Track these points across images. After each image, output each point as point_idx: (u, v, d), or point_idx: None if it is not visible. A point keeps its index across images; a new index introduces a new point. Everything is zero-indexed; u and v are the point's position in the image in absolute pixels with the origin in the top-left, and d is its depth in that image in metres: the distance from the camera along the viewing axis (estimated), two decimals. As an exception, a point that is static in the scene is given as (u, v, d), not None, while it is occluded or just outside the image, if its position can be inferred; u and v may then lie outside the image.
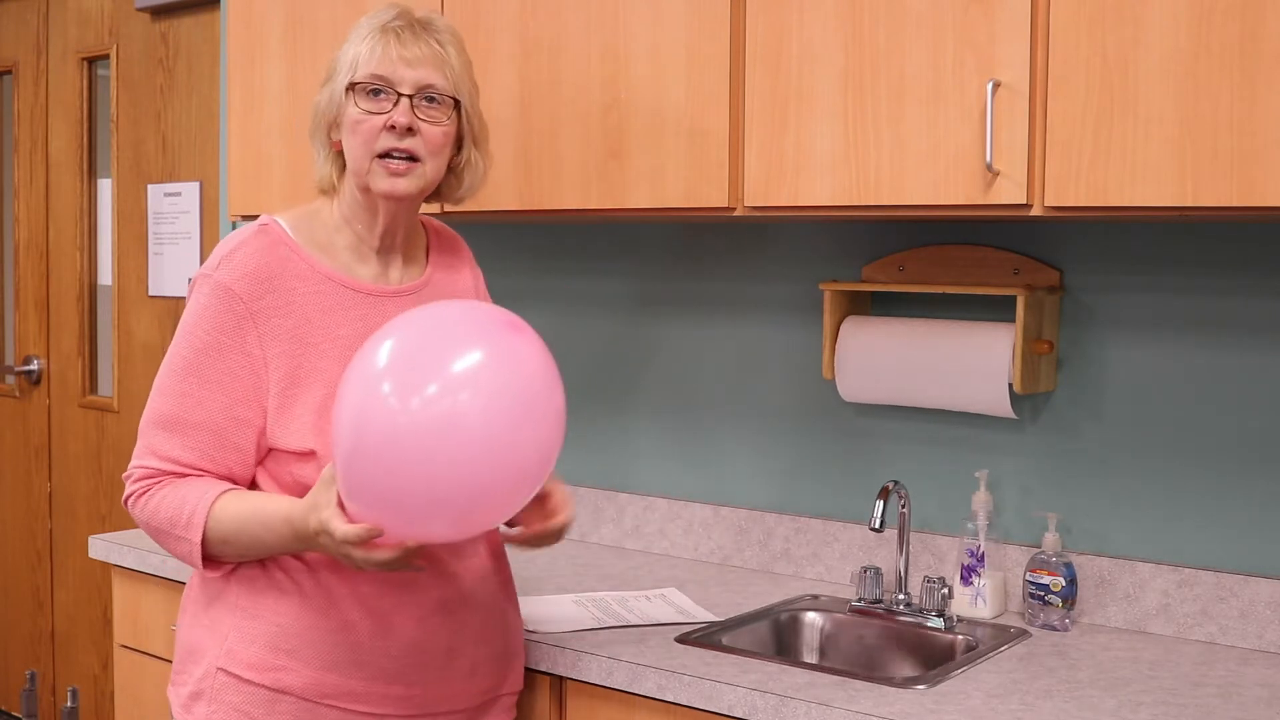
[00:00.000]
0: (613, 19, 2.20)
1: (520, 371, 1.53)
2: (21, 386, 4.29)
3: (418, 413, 1.47)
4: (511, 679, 1.91)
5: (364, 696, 1.71)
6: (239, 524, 1.65)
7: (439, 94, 1.75)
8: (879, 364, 2.25)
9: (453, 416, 1.47)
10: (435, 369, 1.49)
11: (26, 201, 4.25)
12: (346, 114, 1.75)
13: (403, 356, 1.51)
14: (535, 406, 1.54)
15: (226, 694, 1.71)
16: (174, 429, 1.69)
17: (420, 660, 1.74)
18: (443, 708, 1.78)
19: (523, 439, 1.52)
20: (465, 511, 1.54)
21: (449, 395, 1.48)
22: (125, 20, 3.86)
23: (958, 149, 1.87)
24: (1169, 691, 1.81)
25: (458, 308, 1.64)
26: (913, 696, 1.76)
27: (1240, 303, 2.04)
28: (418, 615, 1.74)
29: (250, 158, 2.74)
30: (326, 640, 1.70)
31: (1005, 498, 2.25)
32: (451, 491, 1.49)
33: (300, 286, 1.73)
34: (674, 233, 2.63)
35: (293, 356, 1.70)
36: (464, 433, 1.47)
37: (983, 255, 2.24)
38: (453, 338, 1.54)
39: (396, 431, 1.47)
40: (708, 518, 2.58)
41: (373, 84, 1.73)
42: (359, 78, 1.73)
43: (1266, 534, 2.03)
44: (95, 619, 3.99)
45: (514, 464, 1.53)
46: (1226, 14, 1.66)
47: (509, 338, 1.55)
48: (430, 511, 1.52)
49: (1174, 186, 1.71)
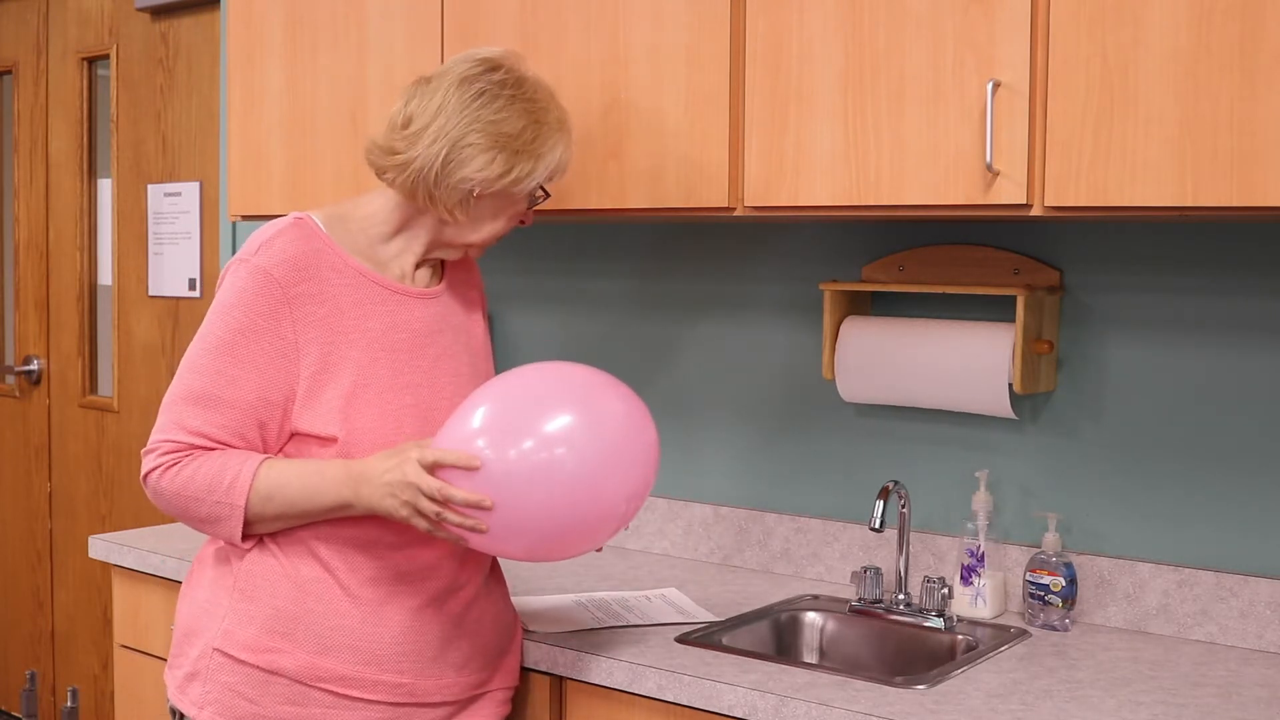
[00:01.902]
0: (613, 19, 2.20)
1: (605, 425, 1.73)
2: (21, 386, 4.29)
3: (518, 461, 1.66)
4: (505, 674, 1.94)
5: (355, 682, 1.75)
6: (288, 476, 1.71)
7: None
8: (879, 364, 2.25)
9: (550, 465, 1.67)
10: (533, 427, 1.68)
11: (26, 201, 4.25)
12: (512, 199, 1.85)
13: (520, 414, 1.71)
14: (622, 455, 1.73)
15: (221, 674, 1.76)
16: (206, 405, 1.72)
17: (412, 650, 1.78)
18: (433, 698, 1.81)
19: (608, 487, 1.71)
20: (552, 538, 1.72)
21: (546, 449, 1.67)
22: (125, 20, 3.86)
23: (958, 149, 1.87)
24: (1169, 691, 1.82)
25: (567, 371, 1.82)
26: (913, 696, 1.76)
27: (1240, 303, 2.04)
28: (411, 606, 1.78)
29: (250, 158, 2.74)
30: (321, 625, 1.75)
31: (1005, 498, 2.25)
32: (546, 522, 1.69)
33: (334, 278, 1.78)
34: (674, 233, 2.63)
35: (324, 344, 1.75)
36: (562, 476, 1.67)
37: (983, 255, 2.24)
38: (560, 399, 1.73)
39: (512, 472, 1.66)
40: (708, 518, 2.58)
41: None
42: (546, 179, 1.86)
43: (1266, 534, 2.03)
44: (95, 619, 3.99)
45: (597, 508, 1.72)
46: (1226, 14, 1.66)
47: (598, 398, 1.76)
48: (525, 534, 1.70)
49: (1174, 186, 1.71)
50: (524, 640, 2.00)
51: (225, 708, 1.75)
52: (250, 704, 1.74)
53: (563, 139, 1.84)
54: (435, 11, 2.41)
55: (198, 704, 1.77)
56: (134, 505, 3.89)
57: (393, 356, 1.80)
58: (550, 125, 1.83)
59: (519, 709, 2.03)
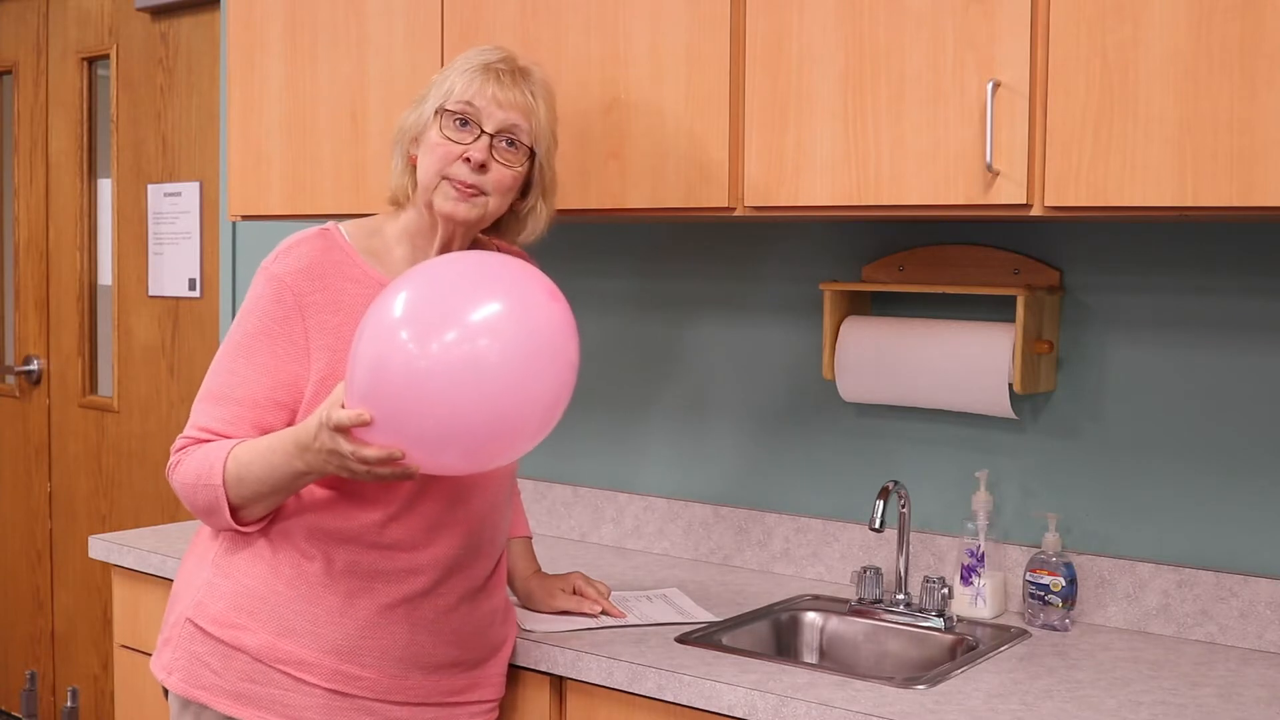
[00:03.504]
0: (613, 19, 2.20)
1: (535, 321, 1.63)
2: (21, 386, 4.29)
3: (438, 356, 1.56)
4: (486, 687, 1.93)
5: (314, 667, 1.78)
6: (253, 455, 1.73)
7: (519, 139, 1.84)
8: (879, 364, 2.25)
9: (473, 359, 1.57)
10: (455, 317, 1.59)
11: (26, 201, 4.25)
12: (429, 135, 1.83)
13: (424, 304, 1.61)
14: (548, 355, 1.64)
15: (190, 643, 1.82)
16: (218, 402, 1.80)
17: (376, 645, 1.80)
18: (396, 697, 1.83)
19: (536, 385, 1.62)
20: (480, 443, 1.62)
21: (468, 341, 1.57)
22: (125, 20, 3.86)
23: (958, 149, 1.87)
24: (1169, 691, 1.82)
25: (480, 260, 1.71)
26: (913, 696, 1.76)
27: (1240, 303, 2.04)
28: (382, 603, 1.80)
29: (250, 158, 2.74)
30: (286, 608, 1.79)
31: (1005, 498, 2.25)
32: (466, 426, 1.59)
33: (351, 288, 1.82)
34: (674, 233, 2.63)
35: (334, 350, 1.79)
36: (483, 373, 1.57)
37: (983, 255, 2.24)
38: (476, 287, 1.63)
39: (416, 371, 1.56)
40: (708, 518, 2.58)
41: (461, 114, 1.82)
42: (450, 105, 1.82)
43: (1266, 534, 2.03)
44: (95, 619, 3.99)
45: (525, 404, 1.62)
46: (1226, 14, 1.66)
47: (528, 287, 1.65)
48: (444, 443, 1.60)
49: (1174, 186, 1.71)
50: (523, 642, 2.00)
51: (190, 675, 1.81)
52: (214, 675, 1.80)
53: (473, 65, 1.84)
54: (435, 11, 2.41)
55: (166, 669, 1.84)
56: (134, 505, 3.89)
57: None
58: (465, 56, 1.86)
59: (519, 709, 2.03)
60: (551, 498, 2.79)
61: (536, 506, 2.80)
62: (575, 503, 2.75)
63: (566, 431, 2.75)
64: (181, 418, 3.70)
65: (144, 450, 3.85)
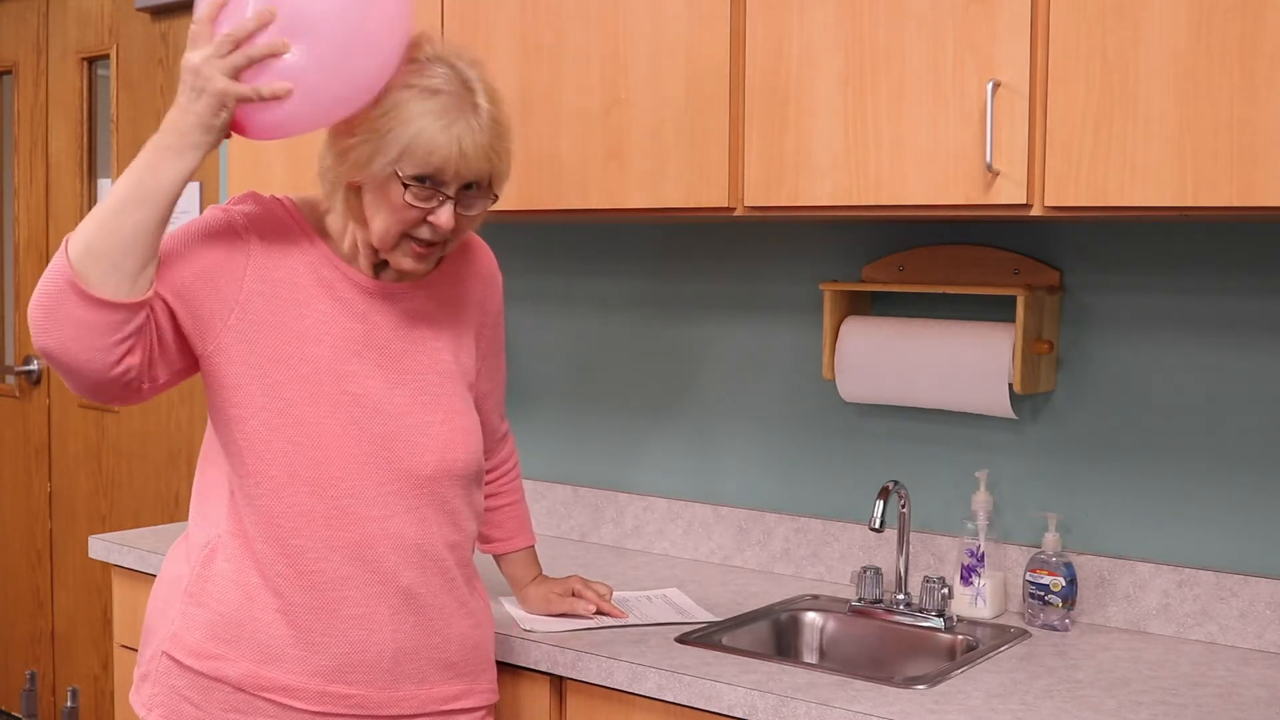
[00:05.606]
0: (613, 19, 2.20)
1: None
2: (21, 386, 4.29)
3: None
4: (478, 693, 1.86)
5: (300, 693, 1.71)
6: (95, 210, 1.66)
7: (483, 184, 1.71)
8: (879, 364, 2.25)
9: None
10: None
11: (26, 201, 4.25)
12: (389, 190, 1.66)
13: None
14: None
15: (169, 678, 1.74)
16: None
17: (363, 661, 1.73)
18: (389, 710, 1.76)
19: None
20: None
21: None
22: (125, 20, 3.86)
23: (958, 149, 1.87)
24: (1169, 691, 1.82)
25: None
26: (913, 696, 1.76)
27: (1240, 303, 2.04)
28: (363, 616, 1.72)
29: (250, 158, 2.74)
30: (265, 633, 1.71)
31: (1005, 498, 2.25)
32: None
33: (295, 250, 1.75)
34: (674, 233, 2.63)
35: (272, 298, 1.71)
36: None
37: (983, 255, 2.24)
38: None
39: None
40: (708, 518, 2.58)
41: (428, 175, 1.65)
42: (414, 171, 1.64)
43: (1266, 534, 2.03)
44: (95, 619, 3.99)
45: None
46: (1226, 14, 1.66)
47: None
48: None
49: (1174, 186, 1.71)
50: (523, 642, 2.00)
51: (171, 711, 1.74)
52: (195, 709, 1.72)
53: (438, 108, 1.65)
54: (435, 11, 2.41)
55: (147, 705, 1.77)
56: (134, 505, 3.89)
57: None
58: (426, 95, 1.66)
59: (519, 709, 2.03)
60: (551, 498, 2.79)
61: (536, 506, 2.80)
62: (575, 503, 2.75)
63: (566, 431, 2.75)
64: (181, 418, 3.70)
65: (144, 450, 3.85)
